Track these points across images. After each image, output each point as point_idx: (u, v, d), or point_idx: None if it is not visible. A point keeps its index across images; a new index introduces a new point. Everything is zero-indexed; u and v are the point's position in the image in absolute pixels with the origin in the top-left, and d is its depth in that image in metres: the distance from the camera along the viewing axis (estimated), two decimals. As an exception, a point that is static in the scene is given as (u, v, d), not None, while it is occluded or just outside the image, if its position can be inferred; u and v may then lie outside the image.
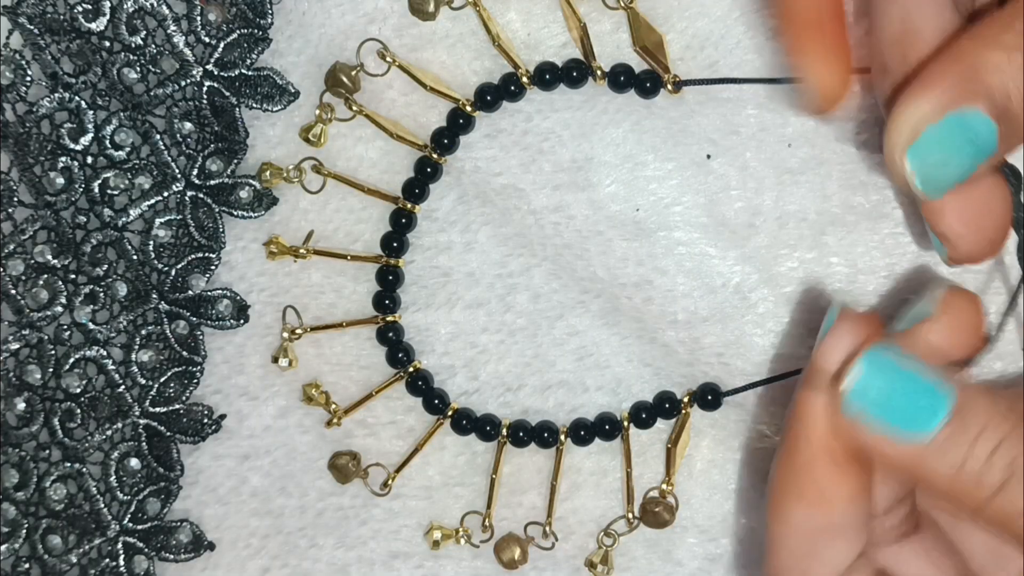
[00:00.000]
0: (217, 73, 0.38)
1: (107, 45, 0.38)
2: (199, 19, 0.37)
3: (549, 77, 0.37)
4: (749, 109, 0.37)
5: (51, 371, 0.39)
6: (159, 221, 0.39)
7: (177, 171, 0.38)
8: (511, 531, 0.40)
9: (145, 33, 0.37)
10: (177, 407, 0.39)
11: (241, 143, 0.38)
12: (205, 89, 0.38)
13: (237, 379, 0.40)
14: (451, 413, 0.39)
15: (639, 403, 0.39)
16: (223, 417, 0.40)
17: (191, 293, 0.39)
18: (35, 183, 0.38)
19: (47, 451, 0.39)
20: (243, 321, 0.39)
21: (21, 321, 0.39)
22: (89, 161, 0.38)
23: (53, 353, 0.39)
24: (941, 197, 0.28)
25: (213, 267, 0.39)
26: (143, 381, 0.39)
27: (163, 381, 0.39)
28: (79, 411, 0.39)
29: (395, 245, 0.38)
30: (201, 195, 0.38)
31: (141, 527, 0.40)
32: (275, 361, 0.39)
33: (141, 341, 0.39)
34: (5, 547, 0.39)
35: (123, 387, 0.39)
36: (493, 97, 0.37)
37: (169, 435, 0.39)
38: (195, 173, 0.38)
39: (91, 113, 0.38)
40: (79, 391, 0.39)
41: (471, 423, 0.39)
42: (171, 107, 0.38)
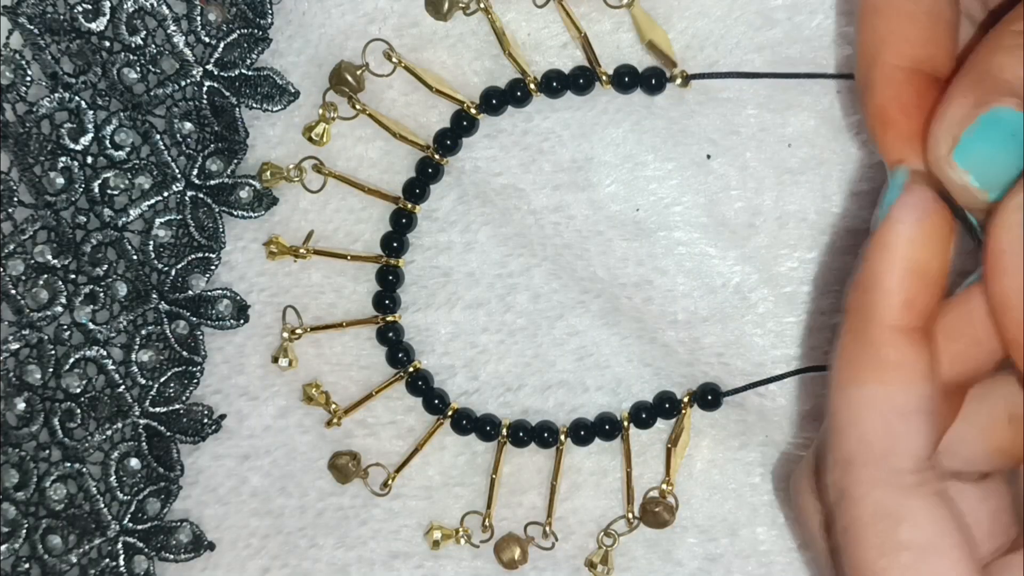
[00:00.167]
0: (217, 73, 0.38)
1: (107, 45, 0.38)
2: (199, 19, 0.37)
3: (556, 85, 0.37)
4: (749, 109, 0.37)
5: (51, 371, 0.39)
6: (159, 221, 0.39)
7: (177, 171, 0.38)
8: (511, 531, 0.40)
9: (145, 33, 0.37)
10: (177, 407, 0.39)
11: (241, 143, 0.38)
12: (205, 89, 0.38)
13: (237, 379, 0.40)
14: (451, 413, 0.39)
15: (639, 403, 0.39)
16: (223, 417, 0.40)
17: (191, 293, 0.39)
18: (35, 183, 0.38)
19: (47, 451, 0.39)
20: (243, 321, 0.39)
21: (21, 321, 0.39)
22: (89, 161, 0.38)
23: (53, 353, 0.39)
24: (1000, 195, 0.28)
25: (213, 267, 0.39)
26: (143, 381, 0.39)
27: (163, 381, 0.39)
28: (79, 411, 0.39)
29: (395, 245, 0.38)
30: (201, 195, 0.38)
31: (141, 527, 0.40)
32: (275, 361, 0.39)
33: (141, 341, 0.39)
34: (5, 547, 0.39)
35: (123, 387, 0.39)
36: (499, 101, 0.37)
37: (169, 435, 0.39)
38: (195, 173, 0.38)
39: (91, 113, 0.38)
40: (79, 391, 0.39)
41: (471, 423, 0.39)
42: (171, 107, 0.38)
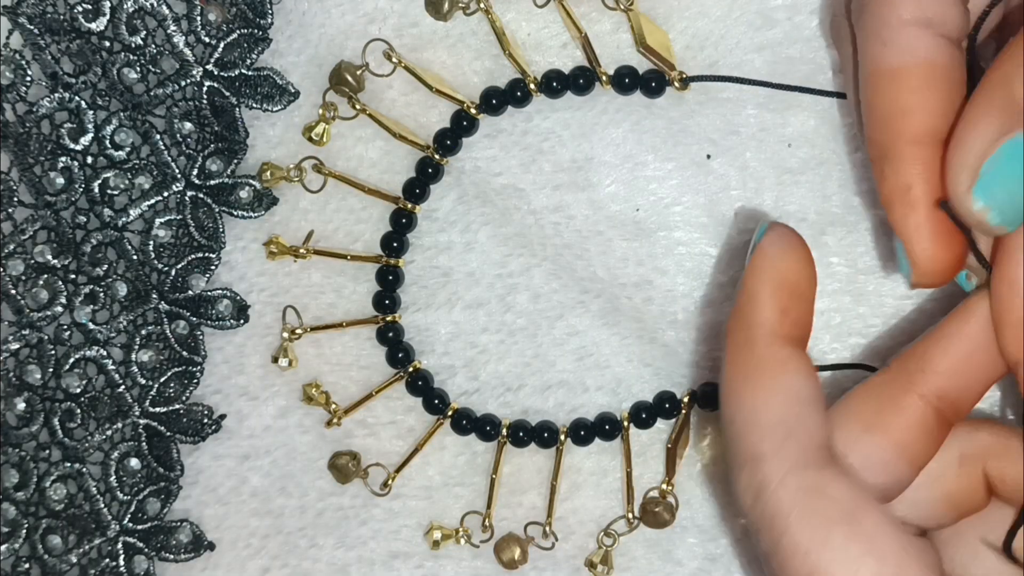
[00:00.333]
0: (217, 73, 0.38)
1: (107, 45, 0.38)
2: (199, 19, 0.37)
3: (556, 85, 0.37)
4: (749, 109, 0.37)
5: (51, 371, 0.39)
6: (159, 221, 0.39)
7: (177, 171, 0.38)
8: (511, 531, 0.40)
9: (145, 33, 0.37)
10: (177, 407, 0.39)
11: (241, 143, 0.38)
12: (205, 89, 0.38)
13: (237, 379, 0.40)
14: (451, 413, 0.39)
15: (639, 403, 0.39)
16: (223, 417, 0.40)
17: (191, 293, 0.39)
18: (35, 183, 0.38)
19: (47, 451, 0.39)
20: (243, 321, 0.39)
21: (21, 321, 0.39)
22: (89, 161, 0.38)
23: (53, 353, 0.39)
24: (1020, 227, 0.28)
25: (213, 267, 0.39)
26: (143, 381, 0.39)
27: (163, 381, 0.39)
28: (79, 411, 0.39)
29: (395, 245, 0.38)
30: (201, 195, 0.38)
31: (141, 527, 0.40)
32: (275, 361, 0.39)
33: (141, 341, 0.39)
34: (5, 547, 0.39)
35: (123, 387, 0.39)
36: (499, 101, 0.37)
37: (169, 435, 0.39)
38: (195, 173, 0.38)
39: (91, 113, 0.38)
40: (79, 391, 0.39)
41: (471, 423, 0.39)
42: (171, 107, 0.38)
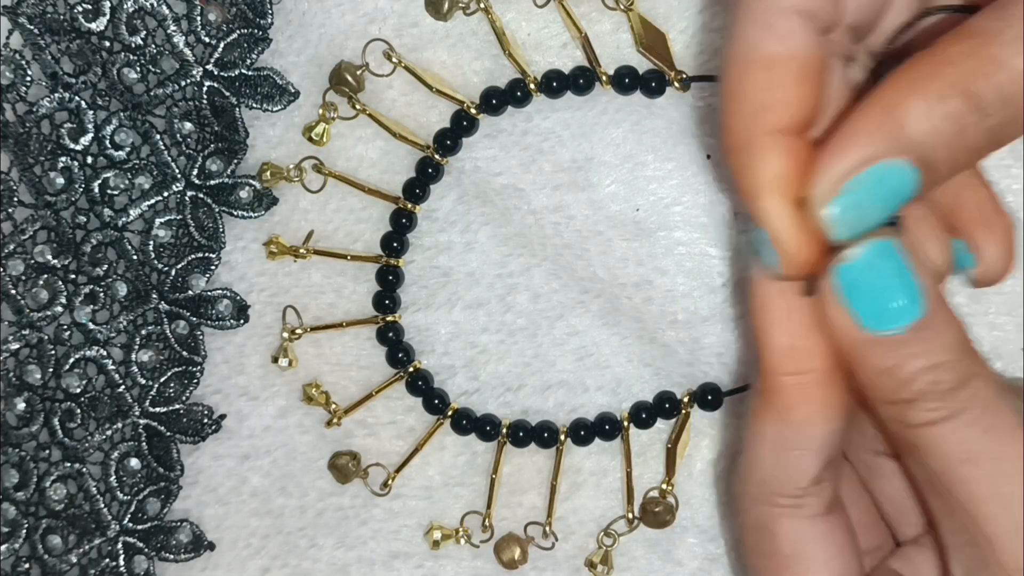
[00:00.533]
0: (217, 73, 0.38)
1: (107, 45, 0.38)
2: (199, 19, 0.37)
3: (556, 85, 0.37)
4: (749, 109, 0.37)
5: (51, 371, 0.39)
6: (159, 221, 0.39)
7: (177, 171, 0.38)
8: (511, 531, 0.40)
9: (145, 33, 0.37)
10: (177, 407, 0.39)
11: (241, 143, 0.38)
12: (205, 89, 0.38)
13: (237, 379, 0.40)
14: (451, 413, 0.39)
15: (639, 403, 0.39)
16: (223, 417, 0.40)
17: (191, 293, 0.39)
18: (35, 183, 0.38)
19: (47, 451, 0.39)
20: (243, 321, 0.39)
21: (21, 321, 0.39)
22: (89, 161, 0.38)
23: (53, 353, 0.39)
24: (855, 238, 0.28)
25: (213, 267, 0.39)
26: (143, 381, 0.39)
27: (163, 381, 0.39)
28: (79, 411, 0.39)
29: (395, 245, 0.38)
30: (201, 195, 0.38)
31: (141, 527, 0.40)
32: (275, 361, 0.39)
33: (141, 341, 0.39)
34: (5, 547, 0.39)
35: (123, 387, 0.39)
36: (499, 101, 0.37)
37: (169, 435, 0.39)
38: (195, 173, 0.38)
39: (91, 113, 0.38)
40: (79, 391, 0.39)
41: (471, 423, 0.39)
42: (171, 107, 0.38)
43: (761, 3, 0.28)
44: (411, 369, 0.39)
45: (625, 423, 0.39)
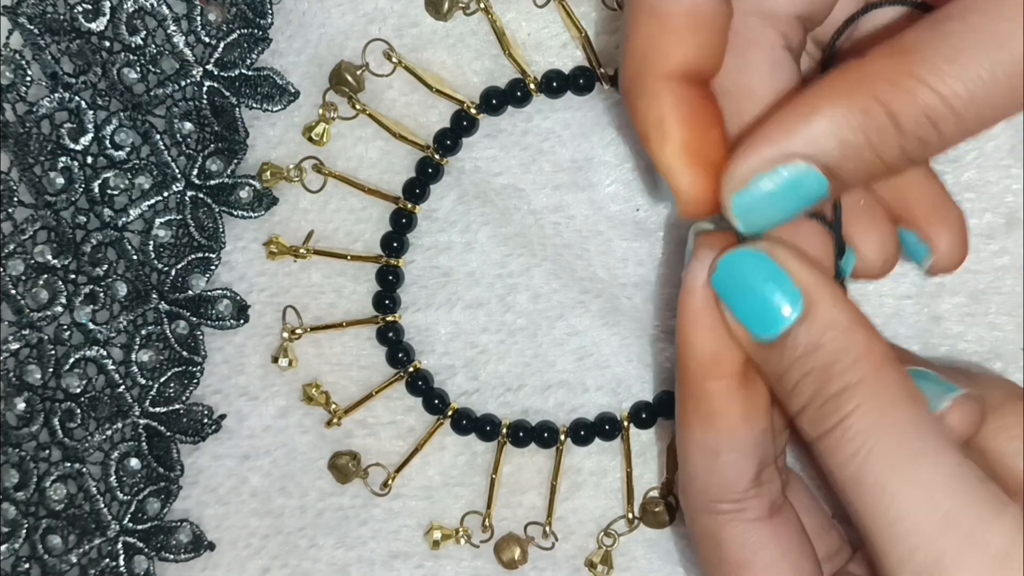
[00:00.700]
0: (217, 73, 0.38)
1: (107, 45, 0.38)
2: (199, 19, 0.37)
3: (556, 85, 0.37)
4: (749, 109, 0.37)
5: (51, 371, 0.39)
6: (159, 221, 0.39)
7: (177, 171, 0.38)
8: (511, 531, 0.40)
9: (145, 33, 0.37)
10: (177, 407, 0.39)
11: (241, 143, 0.38)
12: (205, 89, 0.38)
13: (237, 379, 0.40)
14: (451, 413, 0.39)
15: (639, 403, 0.39)
16: (223, 417, 0.40)
17: (191, 293, 0.39)
18: (35, 183, 0.38)
19: (47, 451, 0.39)
20: (243, 321, 0.39)
21: (21, 321, 0.39)
22: (89, 161, 0.38)
23: (53, 353, 0.39)
24: (760, 233, 0.29)
25: (213, 267, 0.39)
26: (143, 381, 0.39)
27: (163, 381, 0.39)
28: (79, 411, 0.39)
29: (395, 245, 0.38)
30: (201, 195, 0.38)
31: (141, 527, 0.40)
32: (275, 361, 0.39)
33: (141, 341, 0.39)
34: (5, 547, 0.39)
35: (123, 387, 0.39)
36: (499, 101, 0.37)
37: (169, 435, 0.39)
38: (195, 173, 0.38)
39: (91, 113, 0.38)
40: (79, 391, 0.39)
41: (471, 423, 0.39)
42: (171, 107, 0.38)
43: None
44: (411, 369, 0.39)
45: (625, 423, 0.39)
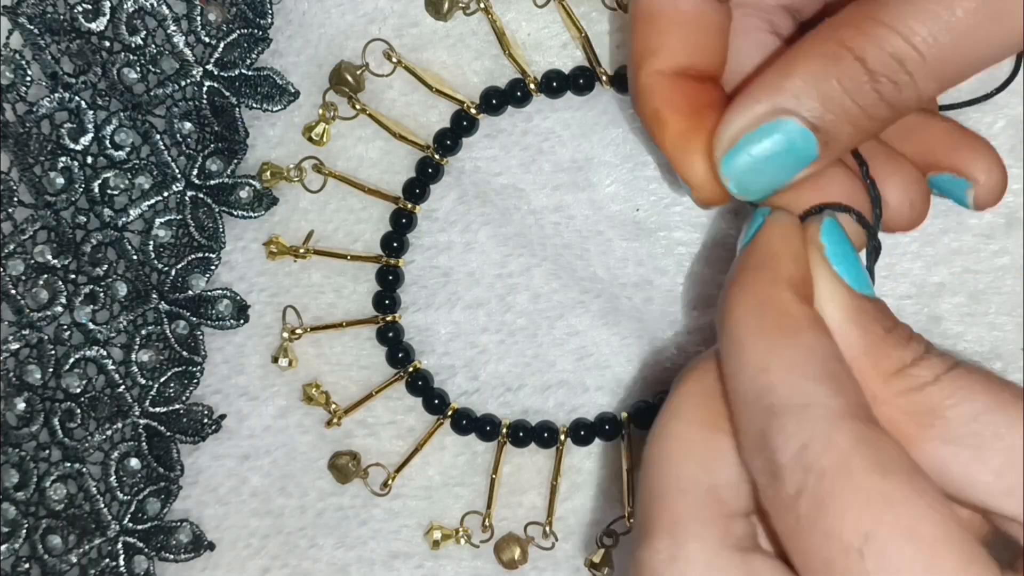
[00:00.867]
0: (217, 73, 0.38)
1: (107, 45, 0.38)
2: (199, 19, 0.37)
3: (556, 85, 0.37)
4: (749, 109, 0.37)
5: (51, 371, 0.39)
6: (159, 221, 0.39)
7: (177, 171, 0.38)
8: (511, 531, 0.40)
9: (145, 33, 0.37)
10: (177, 407, 0.39)
11: (241, 143, 0.38)
12: (205, 89, 0.38)
13: (237, 379, 0.40)
14: (451, 413, 0.39)
15: (639, 403, 0.39)
16: (223, 417, 0.40)
17: (191, 293, 0.39)
18: (35, 183, 0.38)
19: (47, 451, 0.39)
20: (243, 321, 0.39)
21: (21, 321, 0.39)
22: (89, 161, 0.38)
23: (53, 353, 0.39)
24: (760, 199, 0.29)
25: (213, 267, 0.39)
26: (143, 381, 0.39)
27: (163, 381, 0.39)
28: (79, 411, 0.39)
29: (395, 245, 0.38)
30: (201, 195, 0.38)
31: (141, 527, 0.40)
32: (275, 361, 0.39)
33: (141, 341, 0.39)
34: (5, 547, 0.39)
35: (123, 387, 0.39)
36: (499, 101, 0.37)
37: (169, 435, 0.39)
38: (195, 173, 0.38)
39: (91, 113, 0.38)
40: (79, 391, 0.39)
41: (471, 423, 0.39)
42: (171, 107, 0.38)
43: None
44: (411, 369, 0.39)
45: (625, 423, 0.39)
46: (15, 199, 0.39)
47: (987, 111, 0.36)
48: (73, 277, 0.39)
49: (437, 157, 0.38)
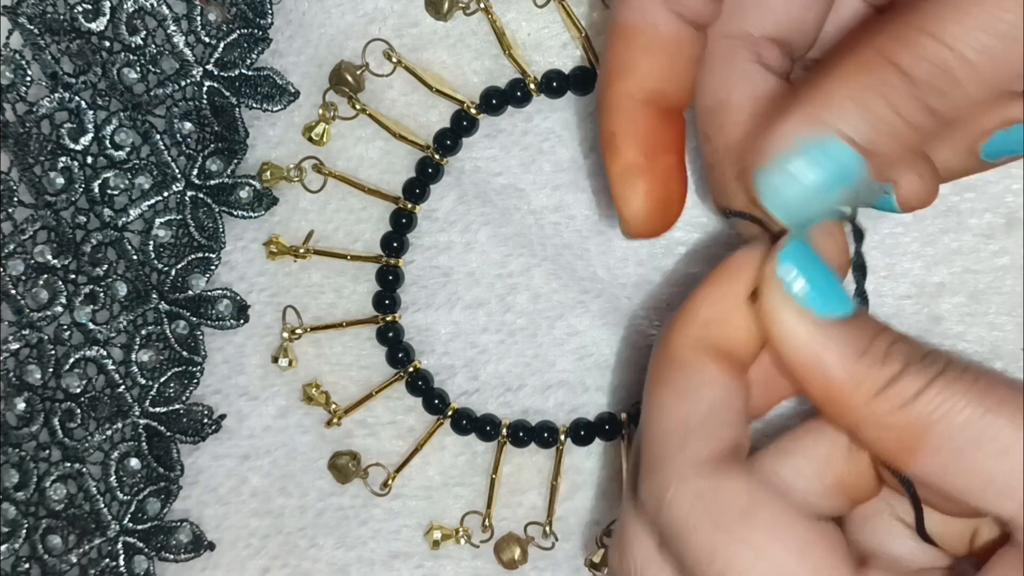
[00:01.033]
0: (217, 73, 0.38)
1: (107, 45, 0.38)
2: (199, 19, 0.37)
3: (556, 85, 0.37)
4: (749, 109, 0.37)
5: (51, 371, 0.39)
6: (159, 221, 0.39)
7: (177, 171, 0.38)
8: (511, 531, 0.40)
9: (145, 33, 0.37)
10: (177, 407, 0.39)
11: (241, 143, 0.38)
12: (205, 89, 0.38)
13: (237, 379, 0.40)
14: (451, 413, 0.39)
15: (639, 403, 0.39)
16: (223, 417, 0.40)
17: (191, 293, 0.39)
18: (35, 183, 0.38)
19: (47, 451, 0.39)
20: (243, 321, 0.39)
21: (21, 321, 0.39)
22: (89, 161, 0.38)
23: (53, 353, 0.39)
24: (806, 228, 0.28)
25: (213, 267, 0.39)
26: (143, 381, 0.39)
27: (163, 381, 0.39)
28: (79, 411, 0.39)
29: (395, 245, 0.38)
30: (201, 195, 0.38)
31: (141, 527, 0.40)
32: (275, 361, 0.39)
33: (141, 341, 0.39)
34: (5, 547, 0.39)
35: (123, 387, 0.39)
36: (499, 101, 0.37)
37: (169, 435, 0.39)
38: (195, 173, 0.38)
39: (91, 113, 0.38)
40: (79, 391, 0.39)
41: (471, 423, 0.39)
42: (171, 107, 0.38)
43: None
44: (411, 369, 0.39)
45: (625, 423, 0.39)
46: (15, 199, 0.39)
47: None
48: (73, 277, 0.39)
49: (437, 157, 0.38)
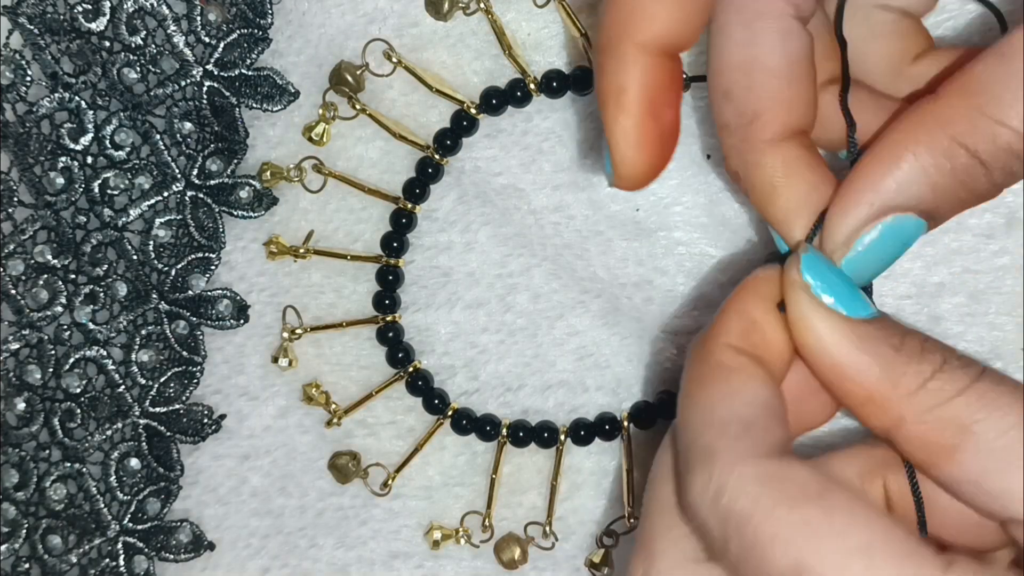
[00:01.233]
0: (217, 73, 0.38)
1: (107, 45, 0.38)
2: (199, 19, 0.37)
3: (556, 85, 0.37)
4: (749, 109, 0.37)
5: (51, 371, 0.39)
6: (159, 221, 0.39)
7: (177, 171, 0.38)
8: (511, 531, 0.40)
9: (145, 33, 0.37)
10: (177, 407, 0.39)
11: (241, 143, 0.38)
12: (205, 89, 0.38)
13: (237, 379, 0.40)
14: (451, 413, 0.39)
15: (639, 403, 0.39)
16: (223, 417, 0.40)
17: (191, 293, 0.39)
18: (35, 183, 0.38)
19: (47, 451, 0.39)
20: (243, 321, 0.39)
21: (21, 321, 0.39)
22: (89, 161, 0.38)
23: (53, 353, 0.39)
24: (868, 282, 0.29)
25: (213, 267, 0.39)
26: (143, 381, 0.39)
27: (163, 381, 0.39)
28: (79, 411, 0.39)
29: (395, 245, 0.38)
30: (201, 195, 0.38)
31: (141, 527, 0.40)
32: (275, 361, 0.39)
33: (141, 341, 0.39)
34: (5, 547, 0.39)
35: (123, 387, 0.39)
36: (499, 101, 0.37)
37: (169, 435, 0.39)
38: (195, 173, 0.38)
39: (91, 113, 0.38)
40: (79, 391, 0.39)
41: (471, 423, 0.39)
42: (171, 107, 0.38)
43: None
44: (411, 369, 0.39)
45: (625, 423, 0.39)
46: (15, 199, 0.39)
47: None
48: (73, 277, 0.39)
49: (437, 157, 0.38)
